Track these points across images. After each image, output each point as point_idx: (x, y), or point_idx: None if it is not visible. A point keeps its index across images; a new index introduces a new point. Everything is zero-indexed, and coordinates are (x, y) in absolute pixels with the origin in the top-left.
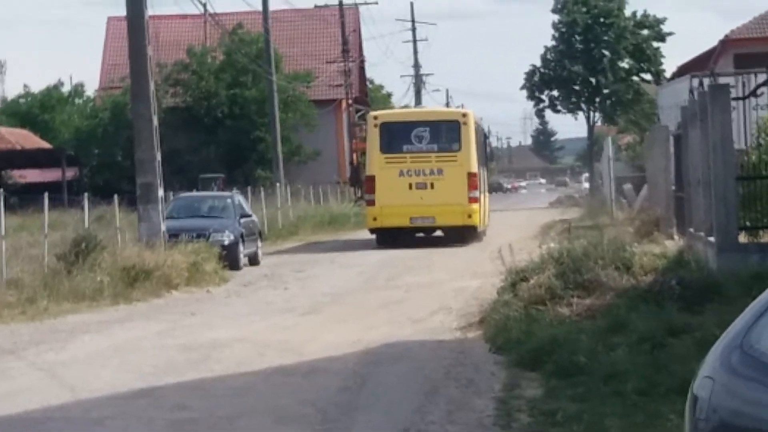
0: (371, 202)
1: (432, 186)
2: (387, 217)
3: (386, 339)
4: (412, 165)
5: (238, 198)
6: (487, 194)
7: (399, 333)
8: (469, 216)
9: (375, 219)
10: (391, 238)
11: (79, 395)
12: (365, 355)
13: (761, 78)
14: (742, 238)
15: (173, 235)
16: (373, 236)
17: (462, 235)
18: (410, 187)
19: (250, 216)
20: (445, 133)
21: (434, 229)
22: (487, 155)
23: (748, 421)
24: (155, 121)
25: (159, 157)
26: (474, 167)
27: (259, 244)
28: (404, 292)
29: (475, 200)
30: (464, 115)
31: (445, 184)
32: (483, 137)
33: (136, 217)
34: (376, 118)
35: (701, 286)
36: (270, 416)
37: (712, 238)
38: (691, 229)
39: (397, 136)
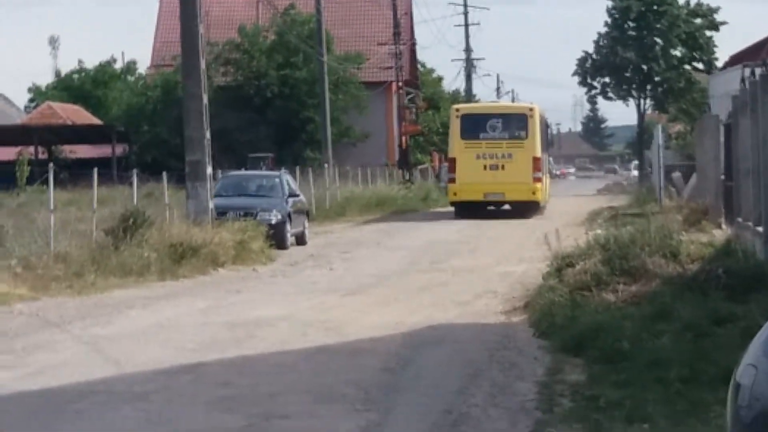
0: (452, 180)
1: (503, 167)
2: (465, 193)
3: (430, 321)
4: (486, 150)
5: (287, 178)
6: (548, 175)
7: (443, 316)
8: (533, 193)
9: (455, 194)
10: (467, 210)
11: (123, 369)
12: (408, 336)
13: None
14: None
15: (221, 213)
16: (451, 209)
17: (527, 208)
18: (485, 168)
19: (298, 196)
20: (515, 123)
21: (503, 203)
22: (548, 142)
23: None
24: (205, 100)
25: (208, 135)
26: (538, 152)
27: (306, 224)
28: (449, 275)
29: (539, 180)
30: (531, 109)
31: (514, 166)
32: (545, 126)
33: (185, 194)
34: (458, 110)
35: (747, 275)
36: (311, 395)
37: (760, 228)
38: (740, 219)
39: (474, 126)
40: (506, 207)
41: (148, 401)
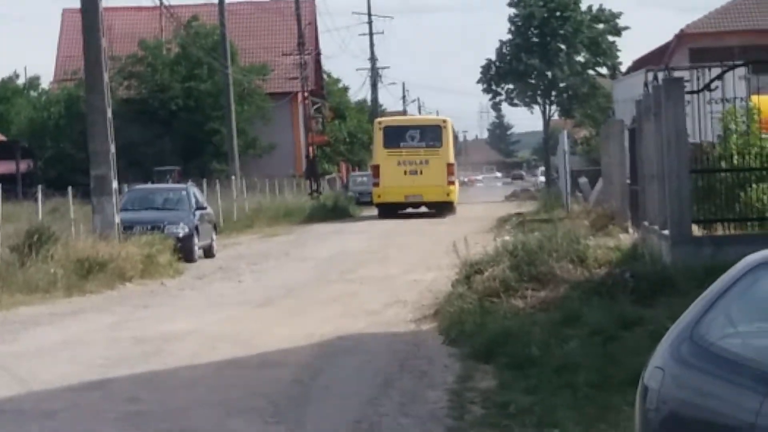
0: (376, 184)
1: (421, 172)
2: (388, 195)
3: (340, 332)
4: (406, 157)
5: (193, 190)
6: (457, 179)
7: (353, 326)
8: (448, 194)
9: (379, 196)
10: (389, 211)
11: (30, 387)
12: (318, 347)
13: (716, 72)
14: (696, 231)
15: (128, 227)
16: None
17: (442, 208)
18: (405, 173)
19: (205, 208)
20: (431, 134)
21: (421, 204)
22: (457, 150)
23: (697, 411)
24: (109, 113)
25: (113, 149)
26: (451, 159)
27: (214, 236)
28: (358, 285)
29: (452, 183)
30: (444, 121)
31: (430, 171)
32: (455, 136)
33: (91, 209)
34: (380, 123)
35: (655, 279)
36: (222, 408)
37: (666, 231)
38: (646, 223)
39: (395, 136)
40: (423, 208)
41: (56, 419)
